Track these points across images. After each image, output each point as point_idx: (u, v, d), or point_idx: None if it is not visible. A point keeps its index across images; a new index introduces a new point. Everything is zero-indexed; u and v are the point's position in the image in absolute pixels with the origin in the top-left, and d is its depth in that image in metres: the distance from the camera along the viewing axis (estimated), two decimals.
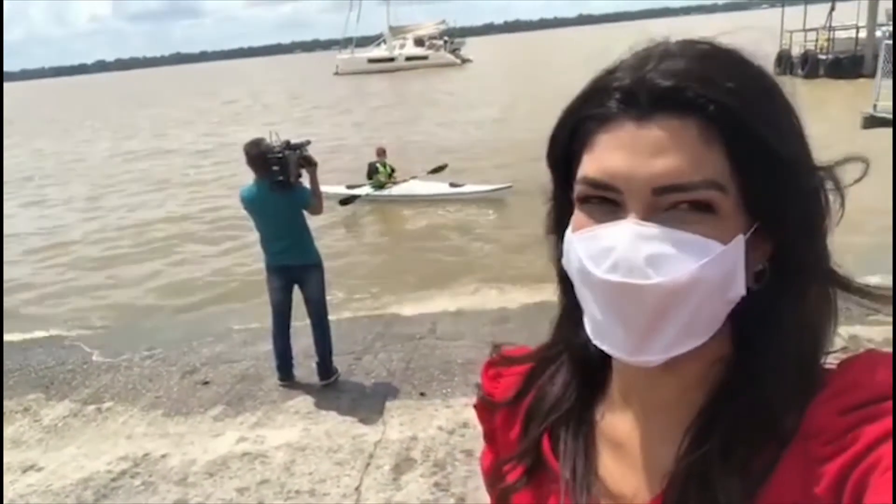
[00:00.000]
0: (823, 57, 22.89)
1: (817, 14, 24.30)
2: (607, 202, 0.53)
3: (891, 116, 7.98)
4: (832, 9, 24.18)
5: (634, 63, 0.54)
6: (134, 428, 4.21)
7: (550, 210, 0.63)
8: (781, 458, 0.52)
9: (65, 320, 6.74)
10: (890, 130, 7.90)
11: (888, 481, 0.44)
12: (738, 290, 0.52)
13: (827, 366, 0.56)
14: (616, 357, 0.54)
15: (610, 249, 0.51)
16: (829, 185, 0.54)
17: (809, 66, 23.15)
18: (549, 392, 0.68)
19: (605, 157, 0.53)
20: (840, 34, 23.43)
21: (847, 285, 0.56)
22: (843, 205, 0.55)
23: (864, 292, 0.56)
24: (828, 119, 12.46)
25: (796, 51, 24.45)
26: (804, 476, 0.50)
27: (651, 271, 0.49)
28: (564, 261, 0.58)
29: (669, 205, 0.51)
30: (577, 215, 0.56)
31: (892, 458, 0.45)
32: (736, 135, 0.50)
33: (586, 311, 0.56)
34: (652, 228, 0.50)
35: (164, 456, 3.83)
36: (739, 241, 0.51)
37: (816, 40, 24.00)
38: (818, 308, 0.55)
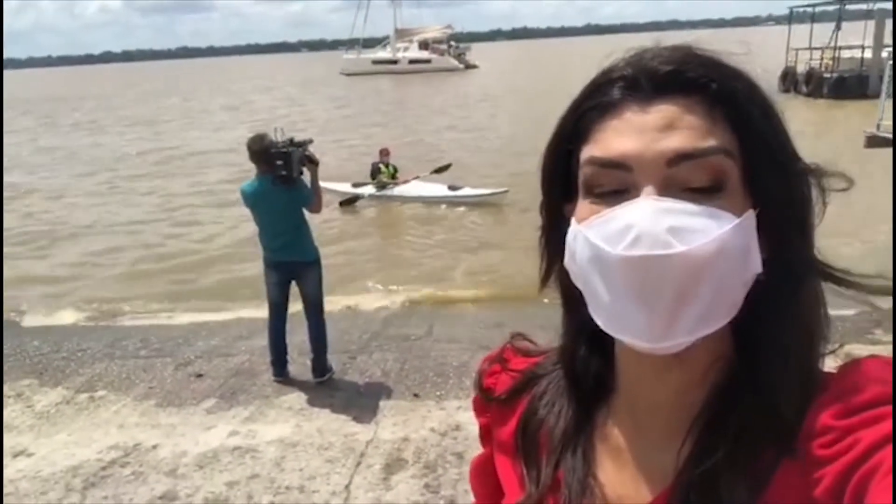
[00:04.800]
0: (828, 75, 22.93)
1: (824, 33, 24.38)
2: (616, 193, 0.53)
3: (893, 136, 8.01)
4: (837, 28, 24.25)
5: (632, 57, 0.56)
6: (126, 417, 4.20)
7: (546, 234, 0.63)
8: (782, 461, 0.52)
9: (62, 307, 6.74)
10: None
11: (889, 485, 0.44)
12: (755, 266, 0.52)
13: (828, 369, 0.56)
14: (637, 347, 0.52)
15: (629, 227, 0.50)
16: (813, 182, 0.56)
17: (814, 84, 23.20)
18: (546, 400, 0.68)
19: (611, 139, 0.53)
20: (845, 53, 23.49)
21: (841, 279, 0.56)
22: (824, 206, 0.56)
23: (860, 285, 0.55)
24: (831, 137, 12.52)
25: (801, 68, 24.52)
26: (804, 479, 0.50)
27: (674, 241, 0.49)
28: (568, 259, 0.57)
29: (682, 185, 0.51)
30: (582, 207, 0.55)
31: (893, 461, 0.44)
32: (739, 113, 0.52)
33: (599, 304, 0.54)
34: (670, 202, 0.50)
35: (154, 446, 3.82)
36: (751, 216, 0.52)
37: (822, 59, 24.06)
38: (811, 306, 0.56)
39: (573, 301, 0.61)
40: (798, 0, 28.05)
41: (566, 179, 0.58)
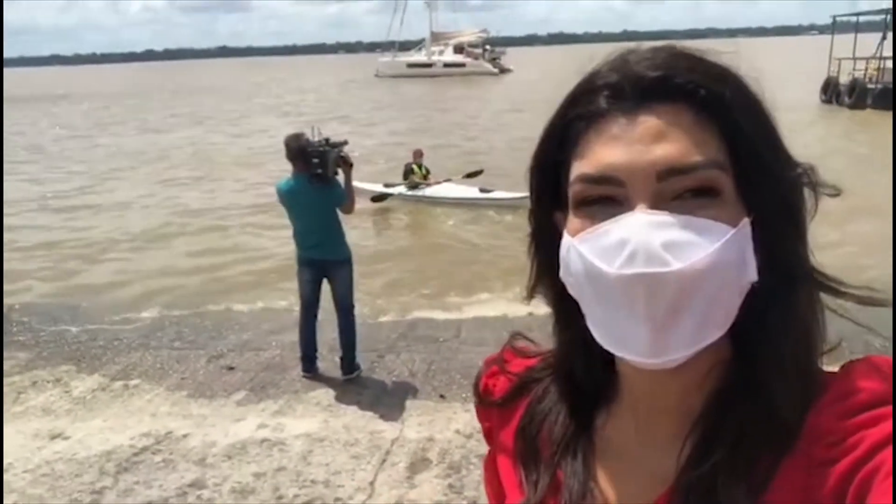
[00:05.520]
0: (872, 86, 22.35)
1: (868, 43, 23.79)
2: (607, 203, 0.52)
3: None
4: (884, 37, 23.62)
5: (616, 62, 0.55)
6: (158, 406, 4.30)
7: (535, 242, 0.63)
8: (783, 463, 0.51)
9: (101, 297, 6.91)
10: None
11: (891, 486, 0.43)
12: (751, 274, 0.52)
13: (827, 370, 0.55)
14: (635, 363, 0.52)
15: (623, 242, 0.49)
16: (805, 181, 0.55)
17: (857, 94, 22.64)
18: (545, 403, 0.67)
19: (600, 153, 0.52)
20: (890, 64, 22.88)
21: (835, 290, 0.55)
22: (816, 206, 0.55)
23: (855, 296, 0.55)
24: (874, 147, 12.22)
25: (844, 79, 23.96)
26: (806, 480, 0.49)
27: (670, 257, 0.48)
28: (563, 272, 0.56)
29: (674, 193, 0.50)
30: (574, 221, 0.54)
31: (893, 462, 0.44)
32: (728, 120, 0.52)
33: (596, 320, 0.53)
34: (663, 216, 0.49)
35: (185, 436, 3.91)
36: (746, 224, 0.52)
37: (866, 69, 23.47)
38: (807, 309, 0.55)
39: (569, 312, 0.59)
40: (842, 8, 27.41)
41: (555, 187, 0.57)
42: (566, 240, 0.55)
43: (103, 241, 9.48)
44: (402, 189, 10.67)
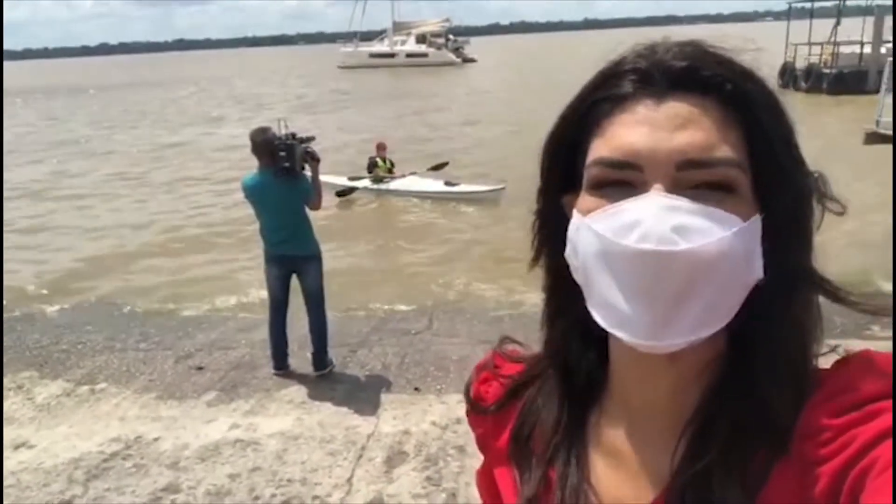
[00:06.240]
0: (827, 71, 22.96)
1: (823, 28, 24.38)
2: (623, 186, 0.52)
3: (892, 133, 8.01)
4: (837, 23, 24.26)
5: (644, 50, 0.55)
6: (127, 410, 4.20)
7: (539, 219, 0.62)
8: (777, 461, 0.51)
9: (61, 300, 6.73)
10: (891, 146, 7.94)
11: (886, 482, 0.44)
12: (757, 271, 0.52)
13: (821, 366, 0.55)
14: (634, 344, 0.51)
15: (635, 223, 0.49)
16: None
17: (813, 79, 23.22)
18: (537, 409, 0.67)
19: (623, 135, 0.52)
20: (844, 49, 23.50)
21: (837, 297, 0.55)
22: (823, 214, 0.56)
23: (856, 304, 0.55)
24: (829, 133, 12.53)
25: (800, 64, 24.53)
26: (800, 478, 0.50)
27: (681, 240, 0.48)
28: (569, 252, 0.56)
29: (691, 184, 0.51)
30: (586, 200, 0.54)
31: (893, 457, 0.44)
32: (752, 117, 0.52)
33: (599, 300, 0.53)
34: (679, 200, 0.50)
35: (156, 439, 3.83)
36: (757, 220, 0.52)
37: (821, 54, 24.07)
38: (805, 309, 0.55)
39: (566, 296, 0.59)
40: None
41: (566, 168, 0.58)
42: (576, 219, 0.55)
43: (59, 240, 9.22)
44: (366, 182, 10.61)
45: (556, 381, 0.65)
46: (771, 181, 0.52)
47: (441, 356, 4.81)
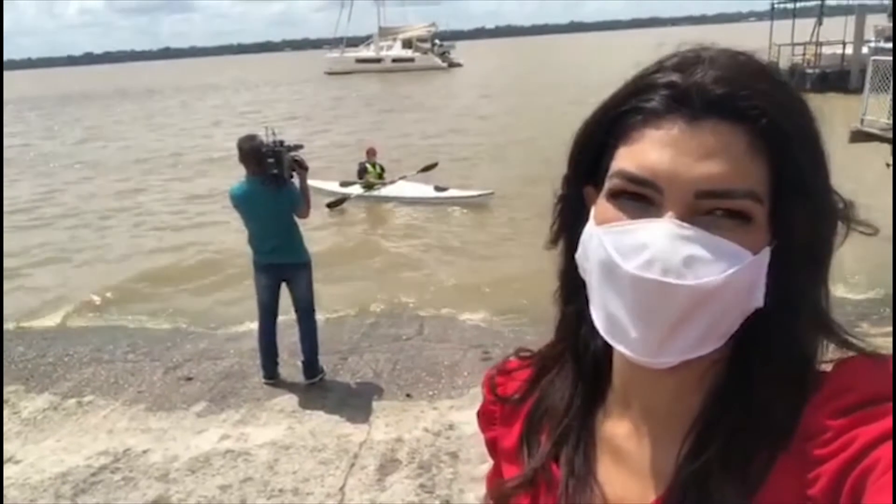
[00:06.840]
0: (811, 71, 23.19)
1: (806, 28, 24.63)
2: (640, 199, 0.53)
3: (877, 131, 8.08)
4: (819, 23, 24.52)
5: (681, 65, 0.54)
6: (115, 422, 4.15)
7: (562, 204, 0.63)
8: (778, 461, 0.52)
9: (46, 311, 6.65)
10: (876, 144, 8.00)
11: (887, 482, 0.44)
12: (758, 300, 0.53)
13: (822, 367, 0.56)
14: (629, 357, 0.53)
15: (644, 246, 0.50)
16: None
17: (796, 79, 23.40)
18: (550, 396, 0.68)
19: (649, 153, 0.52)
20: (826, 49, 23.75)
21: (840, 336, 0.55)
22: (844, 240, 0.55)
23: (860, 349, 0.55)
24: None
25: (784, 64, 24.74)
26: (801, 478, 0.50)
27: (687, 272, 0.49)
28: (580, 254, 0.58)
29: (707, 209, 0.51)
30: (604, 208, 0.55)
31: (893, 458, 0.44)
32: (782, 152, 0.51)
33: (601, 308, 0.55)
34: (690, 230, 0.50)
35: (145, 451, 3.78)
36: (766, 253, 0.52)
37: (804, 54, 24.32)
38: (808, 332, 0.55)
39: (576, 287, 0.61)
40: None
41: (593, 162, 0.58)
42: (590, 227, 0.56)
43: (42, 252, 9.13)
44: (358, 190, 10.60)
45: (571, 363, 0.67)
46: (791, 213, 0.52)
47: (433, 362, 4.79)
